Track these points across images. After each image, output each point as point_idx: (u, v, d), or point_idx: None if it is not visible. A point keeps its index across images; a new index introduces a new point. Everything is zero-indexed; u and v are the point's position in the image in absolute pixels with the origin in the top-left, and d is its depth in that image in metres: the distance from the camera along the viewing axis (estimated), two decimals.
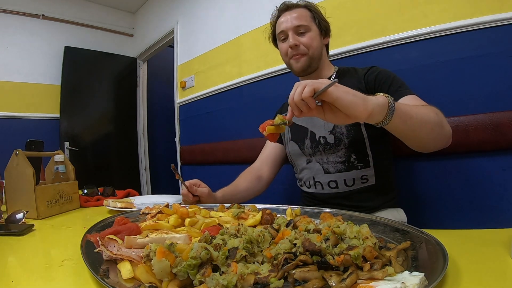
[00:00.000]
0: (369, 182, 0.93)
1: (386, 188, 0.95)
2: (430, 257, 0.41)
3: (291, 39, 0.95)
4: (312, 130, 0.98)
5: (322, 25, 0.98)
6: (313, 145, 0.97)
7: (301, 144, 1.01)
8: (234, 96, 1.97)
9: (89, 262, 0.44)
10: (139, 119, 3.45)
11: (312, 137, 0.98)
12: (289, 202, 1.03)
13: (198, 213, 0.70)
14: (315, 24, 0.97)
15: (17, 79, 2.73)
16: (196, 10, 2.39)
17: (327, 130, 0.95)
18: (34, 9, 2.83)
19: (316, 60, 0.98)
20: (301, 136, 1.01)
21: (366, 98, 0.57)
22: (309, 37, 0.96)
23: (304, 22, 0.96)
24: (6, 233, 0.70)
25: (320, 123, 0.97)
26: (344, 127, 0.92)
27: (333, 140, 0.93)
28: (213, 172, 2.14)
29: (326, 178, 0.96)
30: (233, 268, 0.38)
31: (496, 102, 0.99)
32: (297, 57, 0.97)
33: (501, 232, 0.52)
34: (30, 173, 0.89)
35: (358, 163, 0.92)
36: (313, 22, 0.97)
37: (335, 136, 0.93)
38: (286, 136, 1.09)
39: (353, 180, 0.93)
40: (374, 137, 0.91)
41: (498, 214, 0.99)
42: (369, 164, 0.92)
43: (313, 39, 0.96)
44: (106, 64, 3.20)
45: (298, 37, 0.96)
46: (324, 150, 0.95)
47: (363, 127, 0.91)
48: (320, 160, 0.97)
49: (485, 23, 1.01)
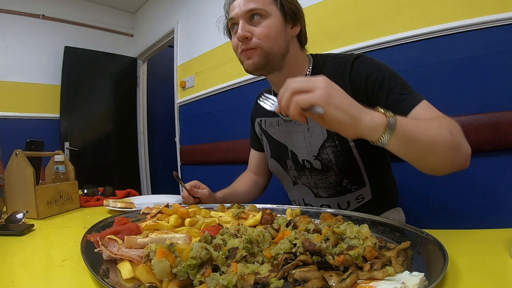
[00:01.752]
0: (366, 199, 0.81)
1: (384, 198, 0.86)
2: (430, 257, 0.41)
3: (239, 30, 0.71)
4: (293, 150, 0.83)
5: (286, 8, 0.73)
6: (298, 168, 0.83)
7: (283, 164, 0.87)
8: (234, 96, 1.97)
9: (89, 262, 0.44)
10: (139, 119, 3.45)
11: (294, 159, 0.83)
12: (288, 202, 1.03)
13: (198, 213, 0.70)
14: (277, 7, 0.72)
15: (17, 79, 2.73)
16: (196, 10, 2.39)
17: (311, 155, 0.78)
18: (34, 9, 2.83)
19: (276, 56, 0.73)
20: (282, 155, 0.86)
21: (358, 119, 0.47)
22: (265, 25, 0.71)
23: (258, 5, 0.71)
24: (6, 233, 0.70)
25: (301, 144, 0.80)
26: (331, 152, 0.75)
27: (320, 167, 0.78)
28: (213, 172, 2.14)
29: (318, 201, 0.84)
30: (233, 268, 0.38)
31: (496, 102, 0.99)
32: (247, 52, 0.73)
33: (501, 232, 0.52)
34: (30, 173, 0.89)
35: (352, 186, 0.79)
36: (273, 5, 0.72)
37: (321, 162, 0.77)
38: (265, 149, 0.94)
39: (348, 203, 0.81)
40: (369, 155, 0.76)
41: (498, 214, 0.99)
42: (365, 184, 0.79)
43: (271, 28, 0.71)
44: (106, 64, 3.20)
45: (250, 27, 0.72)
46: (311, 174, 0.80)
47: (355, 150, 0.74)
48: (307, 183, 0.83)
49: (485, 23, 1.01)
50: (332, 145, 0.75)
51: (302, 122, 0.57)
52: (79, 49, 3.00)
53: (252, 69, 0.75)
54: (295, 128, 0.81)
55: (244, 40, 0.72)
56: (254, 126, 1.00)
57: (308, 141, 0.78)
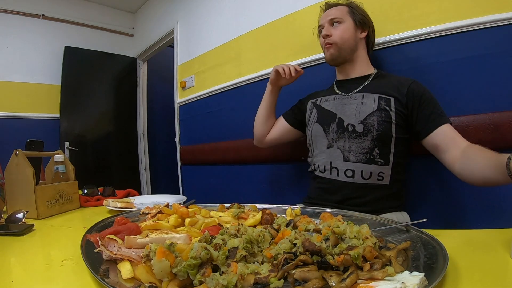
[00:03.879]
0: (384, 181, 0.94)
1: (396, 193, 0.97)
2: (430, 257, 0.41)
3: (324, 30, 1.04)
4: (341, 116, 1.00)
5: (357, 17, 1.02)
6: (339, 130, 0.98)
7: (326, 127, 1.03)
8: (234, 96, 1.97)
9: (89, 262, 0.44)
10: (139, 119, 3.44)
11: (340, 123, 0.99)
12: (289, 202, 1.03)
13: (198, 213, 0.70)
14: (350, 17, 1.02)
15: (17, 79, 2.72)
16: (196, 10, 2.39)
17: (358, 120, 0.95)
18: (34, 9, 2.83)
19: (346, 51, 1.02)
20: (328, 120, 1.03)
21: None
22: (341, 28, 1.01)
23: (338, 15, 1.02)
24: (6, 233, 0.70)
25: (351, 112, 0.98)
26: (376, 120, 0.93)
27: (362, 130, 0.94)
28: (213, 172, 2.13)
29: (344, 165, 0.96)
30: (233, 268, 0.38)
31: (496, 102, 0.99)
32: (327, 46, 1.04)
33: (501, 232, 0.53)
34: (30, 173, 0.89)
35: (380, 158, 0.93)
36: (348, 15, 1.02)
37: (364, 126, 0.94)
38: (311, 118, 1.11)
39: (370, 174, 0.93)
40: (401, 138, 0.94)
41: (498, 214, 0.99)
42: (389, 163, 0.93)
43: (345, 30, 1.01)
44: (106, 64, 3.19)
45: (331, 28, 1.03)
46: (350, 137, 0.96)
47: (394, 126, 0.92)
48: (342, 146, 0.97)
49: (485, 23, 1.01)
50: (379, 115, 0.93)
51: None
52: (79, 49, 2.99)
53: (329, 59, 1.06)
54: (350, 101, 1.01)
55: (326, 37, 1.03)
56: (300, 105, 1.22)
57: (359, 109, 0.97)
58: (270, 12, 1.73)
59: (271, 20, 1.73)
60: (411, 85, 0.94)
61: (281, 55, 1.66)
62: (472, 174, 0.75)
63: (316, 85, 1.25)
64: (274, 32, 1.71)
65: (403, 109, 0.93)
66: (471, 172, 0.75)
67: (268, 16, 1.74)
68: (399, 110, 0.92)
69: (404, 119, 0.93)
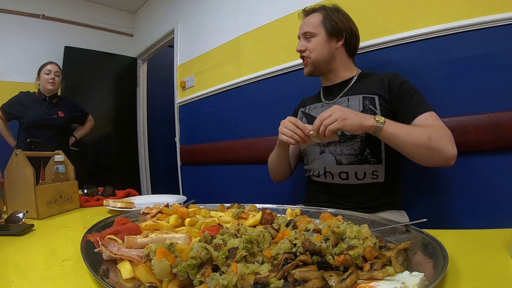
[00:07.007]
0: (379, 179, 0.94)
1: (393, 189, 0.97)
2: (430, 257, 0.41)
3: (298, 45, 1.04)
4: None
5: (330, 28, 0.99)
6: None
7: None
8: (234, 96, 1.97)
9: (89, 262, 0.44)
10: (139, 119, 3.44)
11: None
12: (288, 202, 1.03)
13: (198, 213, 0.70)
14: (323, 28, 1.00)
15: (17, 79, 2.72)
16: (196, 10, 2.39)
17: None
18: (34, 9, 2.83)
19: (322, 64, 1.02)
20: None
21: (362, 123, 0.78)
22: (314, 42, 1.00)
23: (310, 29, 1.01)
24: (6, 233, 0.70)
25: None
26: None
27: (350, 133, 0.94)
28: (213, 172, 2.13)
29: (338, 169, 0.97)
30: (233, 268, 0.38)
31: (496, 102, 0.99)
32: (304, 62, 1.05)
33: (501, 232, 0.53)
34: (30, 173, 0.89)
35: (371, 157, 0.93)
36: (321, 27, 1.00)
37: None
38: None
39: (364, 174, 0.94)
40: None
41: (498, 214, 0.99)
42: (381, 161, 0.94)
43: (317, 44, 1.00)
44: (106, 64, 3.19)
45: (305, 43, 1.02)
46: (340, 141, 0.96)
47: None
48: (333, 151, 0.98)
49: (485, 23, 1.01)
50: None
51: (335, 139, 0.84)
52: (79, 49, 2.99)
53: (307, 74, 1.06)
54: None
55: (300, 52, 1.04)
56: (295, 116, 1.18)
57: None
58: (270, 12, 1.73)
59: (271, 20, 1.73)
60: (390, 79, 0.95)
61: (281, 55, 1.66)
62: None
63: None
64: (274, 32, 1.71)
65: (387, 105, 0.93)
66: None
67: (268, 16, 1.75)
68: (384, 107, 0.92)
69: (390, 115, 0.92)
